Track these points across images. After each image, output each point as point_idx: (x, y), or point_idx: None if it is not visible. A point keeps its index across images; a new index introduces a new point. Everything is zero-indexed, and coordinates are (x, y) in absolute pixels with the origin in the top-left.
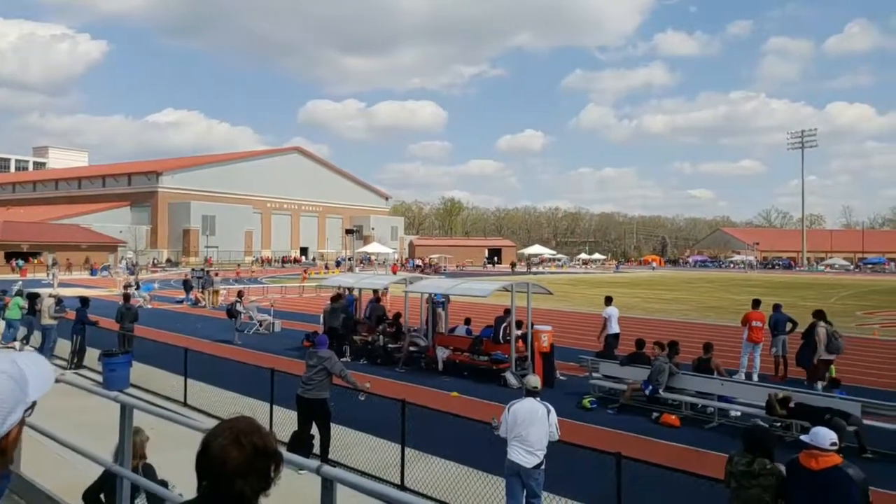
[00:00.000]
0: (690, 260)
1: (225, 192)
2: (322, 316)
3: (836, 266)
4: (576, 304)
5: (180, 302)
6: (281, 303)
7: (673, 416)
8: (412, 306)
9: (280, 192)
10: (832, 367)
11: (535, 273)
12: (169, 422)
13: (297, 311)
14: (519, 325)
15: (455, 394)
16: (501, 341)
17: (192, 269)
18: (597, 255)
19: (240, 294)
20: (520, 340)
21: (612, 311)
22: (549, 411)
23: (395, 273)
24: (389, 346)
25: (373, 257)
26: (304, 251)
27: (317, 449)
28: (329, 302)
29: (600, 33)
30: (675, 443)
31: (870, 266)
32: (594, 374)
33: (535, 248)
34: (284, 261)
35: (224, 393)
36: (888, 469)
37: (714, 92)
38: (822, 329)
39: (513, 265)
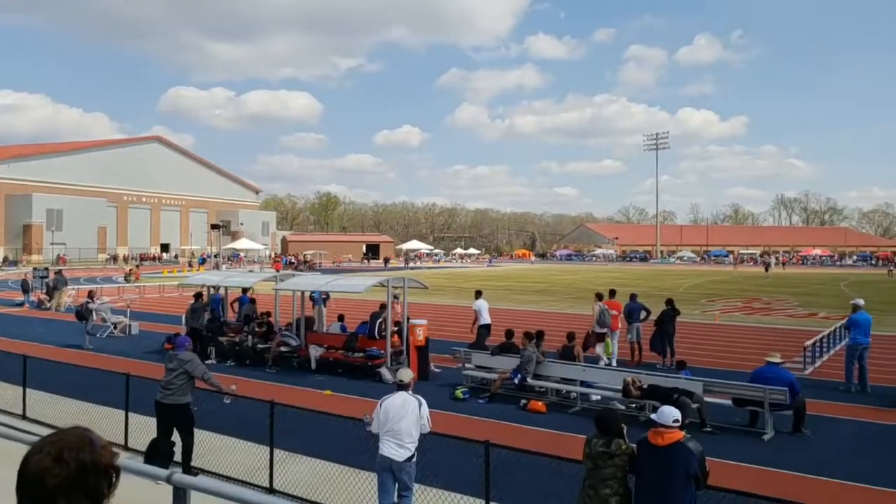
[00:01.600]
0: (557, 254)
1: (75, 184)
2: (184, 316)
3: (685, 258)
4: (451, 297)
5: (20, 304)
6: (140, 303)
7: (539, 403)
8: (285, 304)
9: (138, 184)
10: (607, 341)
11: (413, 268)
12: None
13: (157, 311)
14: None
15: (328, 392)
16: (377, 337)
17: (35, 269)
18: (472, 250)
19: (90, 294)
20: (395, 335)
21: (482, 304)
22: (420, 404)
23: (278, 270)
24: (259, 346)
25: (242, 254)
26: (164, 248)
27: (179, 457)
28: (191, 301)
29: (475, 33)
30: (542, 428)
31: (713, 258)
32: (467, 366)
33: (413, 244)
34: (143, 258)
35: (73, 402)
36: (725, 441)
37: (581, 95)
38: (596, 306)
39: (386, 261)
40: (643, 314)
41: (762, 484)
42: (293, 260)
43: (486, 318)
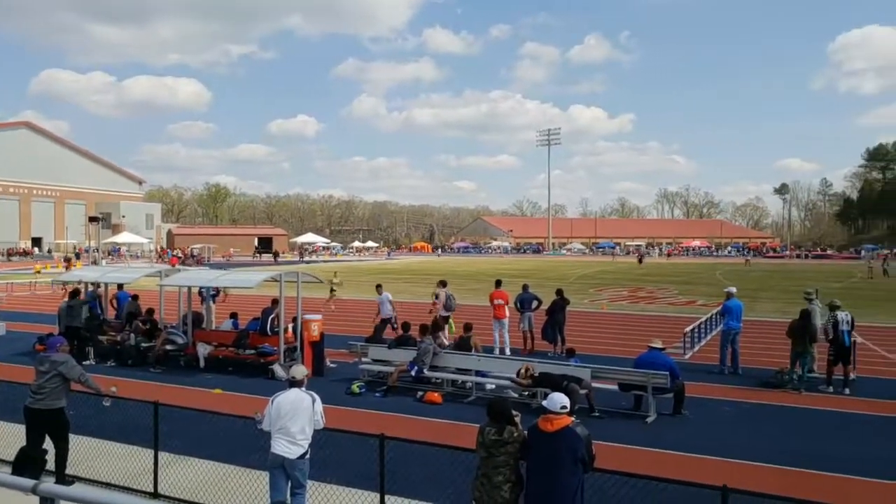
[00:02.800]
0: (455, 246)
1: None
2: (58, 315)
3: (575, 250)
4: (347, 291)
5: None
6: (8, 302)
7: (436, 394)
8: (171, 301)
9: (5, 173)
10: (451, 321)
11: (309, 262)
12: None
13: (27, 311)
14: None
15: (218, 390)
16: (269, 333)
17: None
18: (370, 243)
19: None
20: (289, 331)
21: (384, 297)
22: (314, 400)
23: (174, 265)
24: (143, 345)
25: (123, 248)
26: (36, 242)
27: (52, 465)
28: (65, 299)
29: (372, 24)
30: (438, 419)
31: (601, 249)
32: (363, 360)
33: (309, 237)
34: (10, 254)
35: None
36: (612, 424)
37: (477, 90)
38: (441, 292)
39: (275, 255)
40: (535, 304)
41: (647, 464)
42: (179, 254)
43: (387, 312)
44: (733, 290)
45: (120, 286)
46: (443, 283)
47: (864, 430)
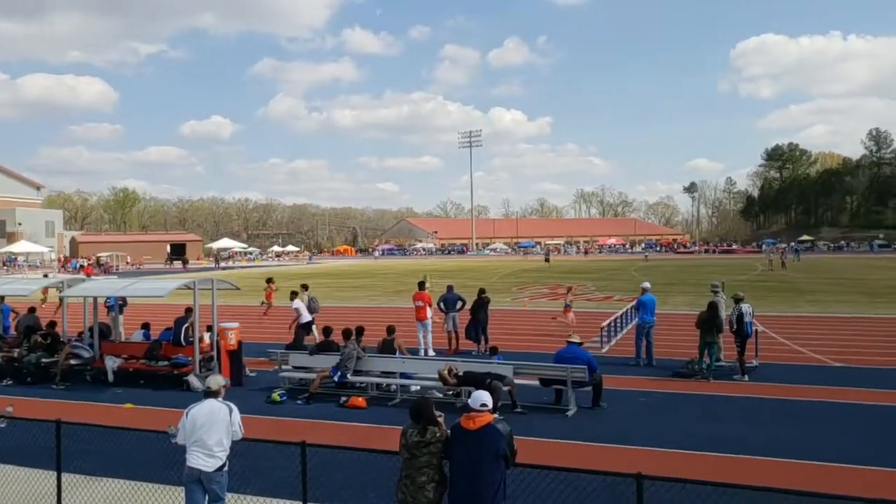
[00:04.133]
0: (379, 249)
1: None
2: None
3: (498, 250)
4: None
5: None
6: None
7: (360, 399)
8: (75, 313)
9: None
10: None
11: (225, 268)
12: None
13: None
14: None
15: (128, 405)
16: (183, 343)
17: None
18: (290, 247)
19: None
20: (204, 340)
21: (300, 303)
22: (231, 410)
23: (88, 276)
24: (44, 360)
25: (19, 258)
26: None
27: None
28: None
29: (289, 24)
30: (362, 423)
31: (522, 249)
32: (284, 367)
33: (225, 242)
34: None
35: None
36: (534, 419)
37: (398, 91)
38: (304, 296)
39: (184, 262)
40: (459, 304)
41: (567, 456)
42: (85, 263)
43: (306, 317)
44: (647, 285)
45: (1, 298)
46: (304, 287)
47: (767, 414)
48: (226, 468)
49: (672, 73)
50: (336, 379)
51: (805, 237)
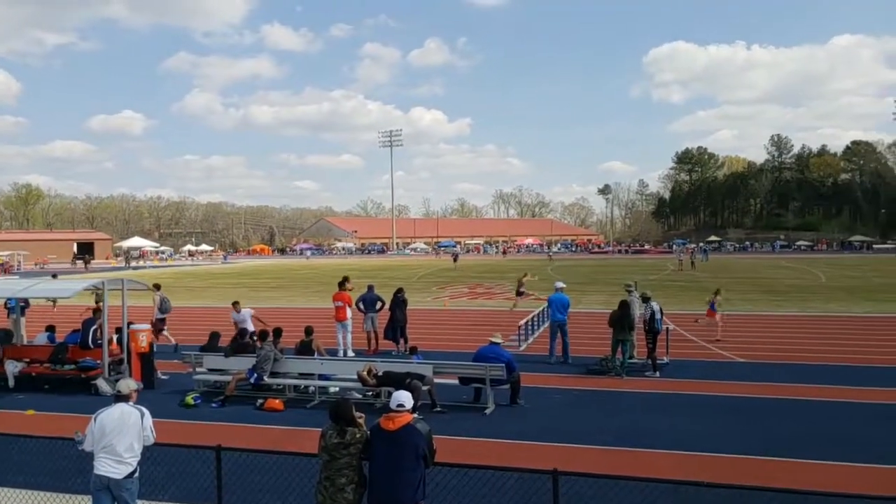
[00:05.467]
0: (297, 248)
1: None
2: None
3: (419, 250)
4: (180, 298)
5: None
6: None
7: (277, 401)
8: None
9: None
10: (165, 328)
11: (136, 268)
12: None
13: None
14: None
15: (31, 412)
16: (91, 346)
17: None
18: (204, 247)
19: None
20: (114, 342)
21: (246, 314)
22: (142, 415)
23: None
24: None
25: None
26: None
27: None
28: None
29: (205, 18)
30: (280, 426)
31: (443, 248)
32: (198, 370)
33: (135, 241)
34: None
35: None
36: (453, 418)
37: (318, 88)
38: (156, 296)
39: (87, 262)
40: (379, 304)
41: (486, 454)
42: None
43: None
44: (560, 284)
45: None
46: (157, 287)
47: (678, 409)
48: (136, 475)
49: (588, 78)
50: (252, 381)
51: (713, 238)
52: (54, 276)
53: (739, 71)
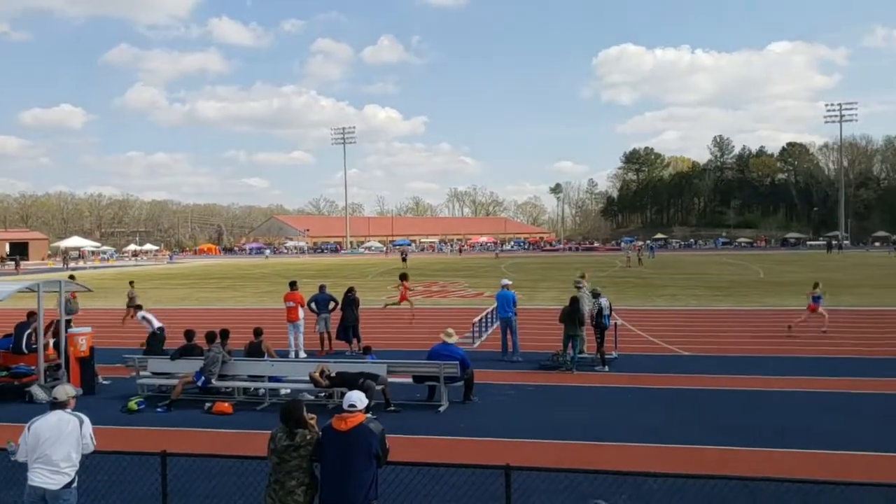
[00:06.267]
0: (247, 247)
1: None
2: None
3: (373, 248)
4: (123, 300)
5: None
6: None
7: (226, 404)
8: None
9: None
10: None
11: (75, 269)
12: None
13: None
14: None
15: None
16: (26, 351)
17: None
18: (149, 246)
19: None
20: (50, 347)
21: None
22: (81, 422)
23: None
24: None
25: None
26: None
27: None
28: None
29: (148, 10)
30: (228, 429)
31: (398, 247)
32: (142, 374)
33: (75, 241)
34: None
35: None
36: (407, 416)
37: (269, 84)
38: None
39: (17, 263)
40: (332, 304)
41: (440, 452)
42: None
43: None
44: (506, 281)
45: None
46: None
47: (628, 402)
48: (74, 485)
49: (540, 78)
50: (200, 384)
51: (659, 235)
52: None
53: (684, 74)
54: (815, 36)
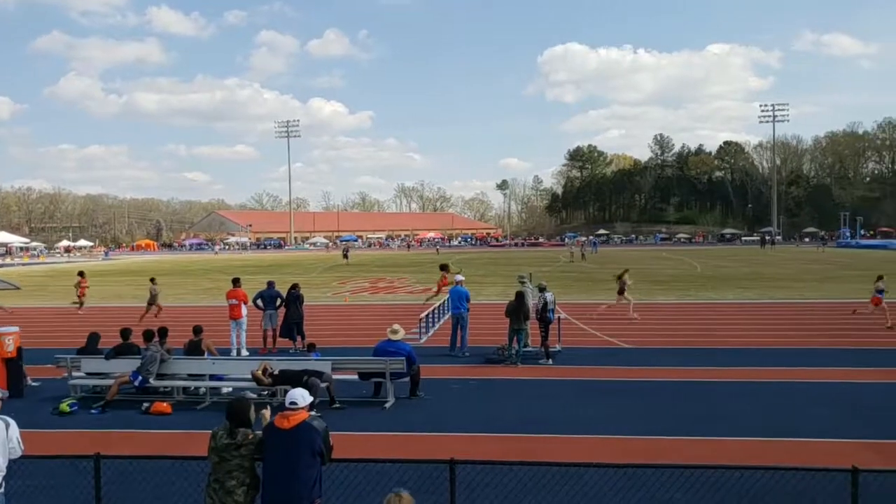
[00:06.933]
0: (187, 243)
1: None
2: None
3: (318, 244)
4: (55, 298)
5: None
6: None
7: (164, 404)
8: None
9: None
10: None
11: (1, 266)
12: None
13: None
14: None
15: None
16: None
17: None
18: (82, 242)
19: None
20: None
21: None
22: (7, 426)
23: None
24: None
25: None
26: None
27: None
28: None
29: None
30: (167, 430)
31: (344, 242)
32: (75, 374)
33: (1, 236)
34: None
35: None
36: (352, 413)
37: (211, 76)
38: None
39: None
40: (278, 301)
41: (386, 448)
42: None
43: None
44: (459, 277)
45: None
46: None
47: (571, 394)
48: (2, 490)
49: (487, 75)
50: (137, 384)
51: (602, 231)
52: None
53: (627, 73)
54: (751, 38)
